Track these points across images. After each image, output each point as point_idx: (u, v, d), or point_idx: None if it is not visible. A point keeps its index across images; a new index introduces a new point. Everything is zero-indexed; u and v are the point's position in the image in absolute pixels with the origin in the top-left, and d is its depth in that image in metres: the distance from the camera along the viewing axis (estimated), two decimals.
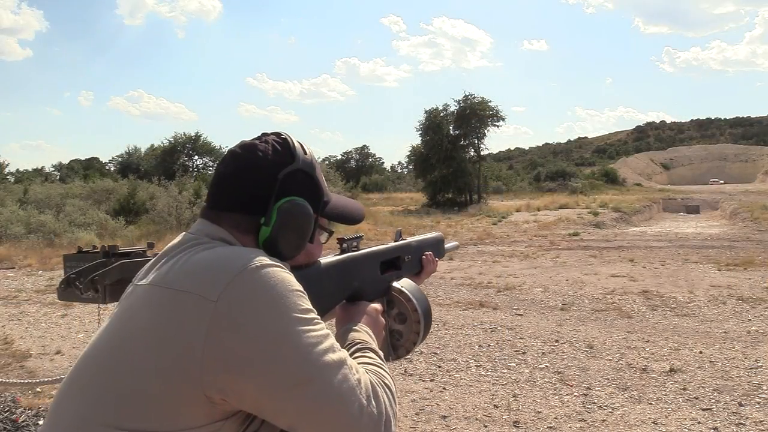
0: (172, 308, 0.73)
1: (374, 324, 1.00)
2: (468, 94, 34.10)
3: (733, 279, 8.34)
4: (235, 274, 0.73)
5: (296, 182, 0.88)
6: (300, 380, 0.71)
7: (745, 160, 76.01)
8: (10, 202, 19.34)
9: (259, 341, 0.71)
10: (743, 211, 20.97)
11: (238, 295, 0.72)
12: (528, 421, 3.73)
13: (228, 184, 0.87)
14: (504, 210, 25.12)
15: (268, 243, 0.85)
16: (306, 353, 0.72)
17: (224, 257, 0.77)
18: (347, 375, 0.75)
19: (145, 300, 0.77)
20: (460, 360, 5.06)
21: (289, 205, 0.85)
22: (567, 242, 14.35)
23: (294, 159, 0.88)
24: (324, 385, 0.72)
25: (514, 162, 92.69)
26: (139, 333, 0.74)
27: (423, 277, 1.35)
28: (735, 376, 4.45)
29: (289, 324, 0.73)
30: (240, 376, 0.70)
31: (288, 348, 0.72)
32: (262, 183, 0.85)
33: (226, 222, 0.86)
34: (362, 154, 72.02)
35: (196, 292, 0.72)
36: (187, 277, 0.75)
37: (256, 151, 0.87)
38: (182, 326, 0.71)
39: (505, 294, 7.90)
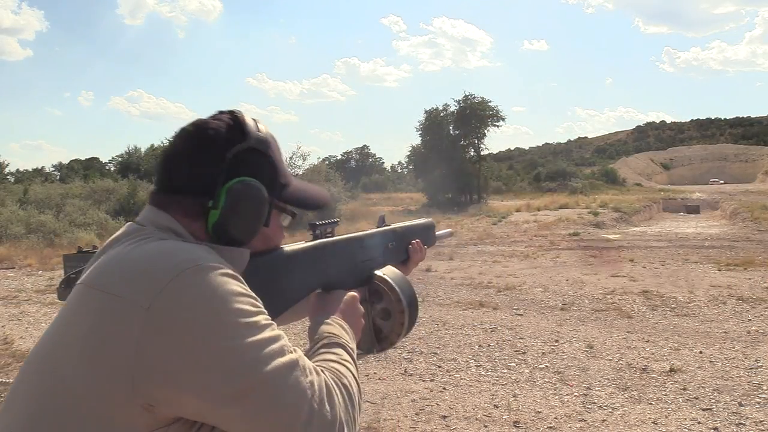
0: (104, 314, 0.68)
1: (351, 314, 0.95)
2: (468, 94, 34.21)
3: (733, 279, 8.34)
4: (169, 279, 0.68)
5: (248, 162, 0.81)
6: (243, 389, 0.67)
7: (745, 160, 76.04)
8: (10, 202, 19.36)
9: (196, 351, 0.66)
10: (743, 211, 20.97)
11: (172, 301, 0.67)
12: (528, 421, 3.73)
13: (174, 164, 0.82)
14: (504, 210, 25.13)
15: (217, 227, 0.79)
16: (248, 360, 0.68)
17: (160, 257, 0.71)
18: (297, 379, 0.70)
19: (79, 303, 0.73)
20: (460, 360, 5.06)
21: (239, 186, 0.79)
22: (567, 242, 14.35)
23: (245, 137, 0.82)
24: (269, 393, 0.68)
25: (514, 162, 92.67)
26: (73, 341, 0.69)
27: (410, 266, 1.28)
28: (735, 376, 4.44)
29: (228, 331, 0.68)
30: (177, 387, 0.66)
31: (228, 356, 0.67)
32: (210, 163, 0.79)
33: (174, 207, 0.80)
34: (362, 154, 72.09)
35: (129, 298, 0.67)
36: (120, 280, 0.70)
37: (206, 129, 0.81)
38: (114, 335, 0.66)
39: (505, 294, 7.90)
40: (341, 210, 21.68)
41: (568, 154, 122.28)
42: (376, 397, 4.19)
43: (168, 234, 0.78)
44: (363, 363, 4.99)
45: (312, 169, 23.39)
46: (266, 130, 0.86)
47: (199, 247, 0.75)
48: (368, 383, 4.51)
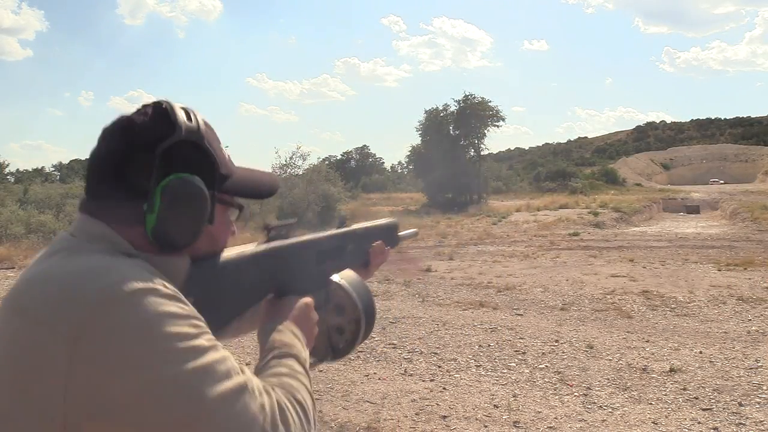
0: (27, 344, 0.62)
1: (304, 320, 0.89)
2: (468, 94, 34.20)
3: (733, 279, 8.34)
4: (95, 306, 0.62)
5: (181, 156, 0.73)
6: (185, 420, 0.62)
7: (745, 160, 76.05)
8: (10, 202, 19.35)
9: (131, 382, 0.61)
10: (743, 211, 20.98)
11: (101, 330, 0.61)
12: (528, 421, 3.73)
13: (102, 168, 0.74)
14: (504, 210, 25.14)
15: (156, 232, 0.71)
16: (190, 388, 0.62)
17: (86, 279, 0.64)
18: (246, 403, 0.65)
19: (2, 325, 0.66)
20: (460, 360, 5.06)
21: (175, 184, 0.71)
22: (567, 242, 14.36)
23: (175, 129, 0.73)
24: (215, 423, 0.63)
25: (514, 162, 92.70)
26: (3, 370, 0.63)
27: (371, 269, 1.20)
28: (735, 376, 4.45)
29: (165, 357, 0.62)
30: (113, 422, 0.61)
31: (167, 385, 0.62)
32: (139, 162, 0.71)
33: (107, 214, 0.73)
34: (362, 154, 72.08)
35: (52, 326, 0.61)
36: (42, 304, 0.63)
37: (131, 126, 0.74)
38: (39, 368, 0.61)
39: (505, 294, 7.90)
40: (341, 210, 21.66)
41: (568, 154, 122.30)
42: (376, 397, 4.19)
43: (102, 245, 0.71)
44: (363, 363, 4.99)
45: (312, 169, 23.38)
46: (199, 118, 0.78)
47: (130, 263, 0.69)
48: (368, 383, 4.51)
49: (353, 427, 3.71)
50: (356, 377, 4.66)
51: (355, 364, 4.98)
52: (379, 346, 5.50)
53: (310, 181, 21.41)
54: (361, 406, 4.05)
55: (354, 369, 4.86)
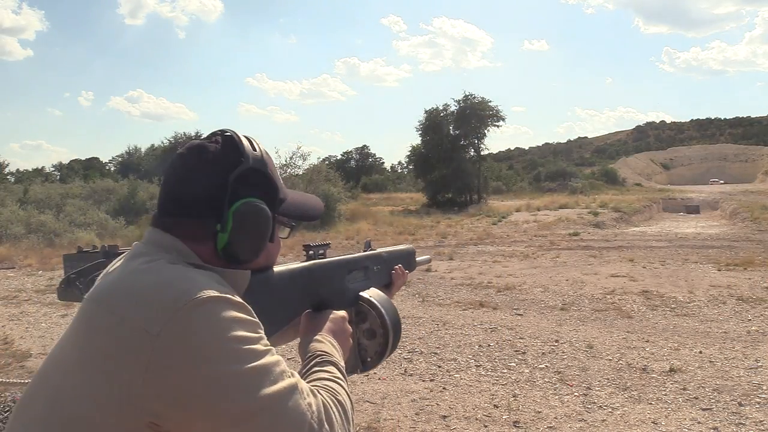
0: (114, 336, 0.72)
1: (340, 332, 0.98)
2: (468, 94, 34.11)
3: (733, 279, 8.34)
4: (177, 308, 0.71)
5: (249, 182, 0.84)
6: (245, 413, 0.71)
7: (745, 160, 76.01)
8: (10, 202, 19.34)
9: (201, 378, 0.70)
10: (743, 211, 20.98)
11: (180, 329, 0.70)
12: (528, 421, 3.73)
13: (178, 190, 0.84)
14: (504, 210, 25.12)
15: (226, 250, 0.82)
16: (250, 387, 0.71)
17: (169, 285, 0.74)
18: (297, 402, 0.74)
19: (89, 319, 0.76)
20: (460, 360, 5.07)
21: (245, 208, 0.82)
22: (567, 242, 14.36)
23: (244, 158, 0.84)
24: (271, 416, 0.71)
25: (514, 162, 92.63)
26: (83, 357, 0.73)
27: (393, 290, 1.31)
28: (735, 376, 4.45)
29: (231, 357, 0.71)
30: (183, 409, 0.70)
31: (232, 381, 0.71)
32: (213, 186, 0.82)
33: (180, 230, 0.83)
34: (362, 154, 72.03)
35: (138, 324, 0.71)
36: (130, 304, 0.73)
37: (205, 153, 0.84)
38: (123, 357, 0.70)
39: (505, 294, 7.90)
40: (341, 210, 21.65)
41: (568, 154, 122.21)
42: (376, 397, 4.19)
43: (174, 257, 0.80)
44: None
45: (312, 169, 23.36)
46: (261, 148, 0.88)
47: (204, 274, 0.78)
48: (368, 383, 4.51)
49: (353, 427, 3.70)
50: (356, 377, 4.66)
51: None
52: None
53: (310, 181, 21.39)
54: (361, 406, 4.05)
55: None
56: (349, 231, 17.71)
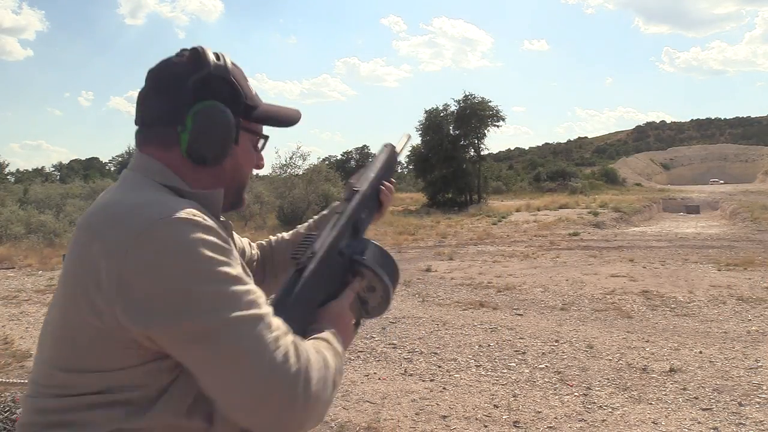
0: (92, 254, 0.77)
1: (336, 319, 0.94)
2: (468, 94, 34.04)
3: (733, 279, 8.34)
4: (145, 228, 0.75)
5: (210, 87, 0.88)
6: (205, 331, 0.72)
7: (745, 160, 76.01)
8: (10, 202, 19.35)
9: (162, 294, 0.73)
10: (743, 211, 20.97)
11: (146, 248, 0.74)
12: (528, 421, 3.73)
13: (146, 100, 0.90)
14: (504, 210, 25.11)
15: (189, 149, 0.87)
16: (212, 305, 0.73)
17: (141, 207, 0.78)
18: (260, 332, 0.74)
19: (73, 245, 0.82)
20: (460, 360, 5.06)
21: (203, 109, 0.86)
22: (567, 242, 14.35)
23: (204, 66, 0.88)
24: (230, 338, 0.72)
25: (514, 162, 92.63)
26: (66, 280, 0.80)
27: (384, 211, 1.24)
28: (735, 376, 4.45)
29: (193, 277, 0.73)
30: (149, 323, 0.73)
31: (191, 301, 0.73)
32: (175, 92, 0.87)
33: (152, 139, 0.89)
34: (362, 154, 71.96)
35: (110, 244, 0.75)
36: (105, 226, 0.79)
37: (170, 64, 0.90)
38: (103, 272, 0.75)
39: (505, 294, 7.90)
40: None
41: (568, 154, 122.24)
42: (376, 397, 4.19)
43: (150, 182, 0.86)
44: (363, 363, 4.99)
45: (312, 169, 23.33)
46: (227, 59, 0.91)
47: (178, 201, 0.82)
48: (368, 383, 4.51)
49: (353, 427, 3.71)
50: (356, 377, 4.66)
51: (355, 364, 4.98)
52: (379, 346, 5.50)
53: (310, 181, 21.38)
54: (361, 406, 4.05)
55: (354, 369, 4.86)
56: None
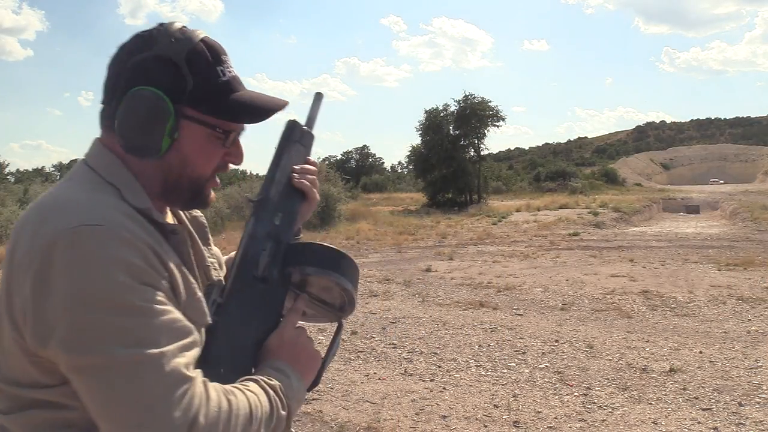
0: (15, 261, 0.71)
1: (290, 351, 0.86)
2: (468, 94, 34.05)
3: (733, 279, 8.34)
4: (54, 239, 0.67)
5: (148, 71, 0.77)
6: (86, 366, 0.66)
7: (745, 160, 76.02)
8: (10, 202, 19.32)
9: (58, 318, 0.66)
10: (743, 211, 20.97)
11: (53, 262, 0.67)
12: (528, 421, 3.73)
13: (106, 77, 0.83)
14: (504, 210, 25.11)
15: (118, 138, 0.78)
16: (100, 339, 0.65)
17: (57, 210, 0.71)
18: (146, 375, 0.65)
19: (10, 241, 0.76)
20: (460, 360, 5.06)
21: (132, 95, 0.77)
22: (567, 242, 14.35)
23: (151, 45, 0.78)
24: (110, 379, 0.65)
25: (514, 162, 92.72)
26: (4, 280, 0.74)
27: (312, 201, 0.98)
28: (735, 376, 4.45)
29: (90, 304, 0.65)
30: (45, 346, 0.68)
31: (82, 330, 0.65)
32: (116, 73, 0.80)
33: (103, 122, 0.82)
34: (362, 154, 72.04)
35: (26, 252, 0.69)
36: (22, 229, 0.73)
37: (126, 42, 0.82)
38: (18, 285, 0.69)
39: (505, 294, 7.90)
40: (341, 210, 21.64)
41: (568, 154, 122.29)
42: (376, 397, 4.19)
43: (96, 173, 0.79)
44: (363, 363, 4.99)
45: None
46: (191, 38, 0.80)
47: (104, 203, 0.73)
48: (368, 383, 4.51)
49: (353, 427, 3.71)
50: (356, 377, 4.66)
51: (355, 364, 4.98)
52: (379, 346, 5.50)
53: None
54: (361, 406, 4.05)
55: (354, 369, 4.86)
56: (350, 231, 17.69)
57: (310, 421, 3.79)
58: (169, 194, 0.83)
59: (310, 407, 4.01)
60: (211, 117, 0.81)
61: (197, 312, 0.79)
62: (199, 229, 0.96)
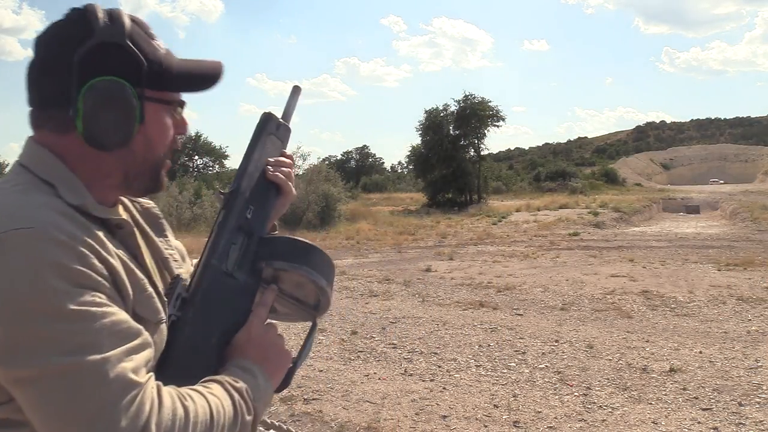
0: None
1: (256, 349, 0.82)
2: (468, 94, 34.08)
3: (733, 279, 8.34)
4: None
5: (101, 60, 0.72)
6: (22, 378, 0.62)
7: (745, 160, 76.01)
8: None
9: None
10: (743, 211, 20.97)
11: None
12: (528, 421, 3.73)
13: (33, 76, 0.75)
14: (504, 210, 25.12)
15: (87, 138, 0.72)
16: (35, 349, 0.61)
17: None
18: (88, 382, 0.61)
19: None
20: (460, 360, 5.06)
21: (94, 89, 0.71)
22: (567, 242, 14.35)
23: (92, 32, 0.72)
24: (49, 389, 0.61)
25: (514, 162, 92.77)
26: None
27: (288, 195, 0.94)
28: (735, 376, 4.45)
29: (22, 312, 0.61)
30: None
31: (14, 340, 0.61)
32: (61, 69, 0.72)
33: (45, 125, 0.75)
34: (362, 154, 72.09)
35: None
36: None
37: (53, 32, 0.75)
38: None
39: (505, 294, 7.90)
40: (341, 210, 21.65)
41: (568, 154, 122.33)
42: (376, 397, 4.19)
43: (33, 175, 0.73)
44: (363, 363, 4.99)
45: (312, 169, 23.36)
46: (124, 18, 0.76)
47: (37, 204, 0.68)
48: (368, 383, 4.51)
49: (353, 427, 3.71)
50: (356, 377, 4.66)
51: (355, 364, 4.98)
52: (379, 346, 5.50)
53: (310, 181, 21.39)
54: (361, 406, 4.05)
55: (354, 369, 4.86)
56: (349, 231, 17.71)
57: (310, 421, 3.79)
58: (131, 182, 0.80)
59: (310, 407, 4.01)
60: (165, 93, 0.79)
61: (147, 309, 0.75)
62: (152, 221, 0.92)
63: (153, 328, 0.74)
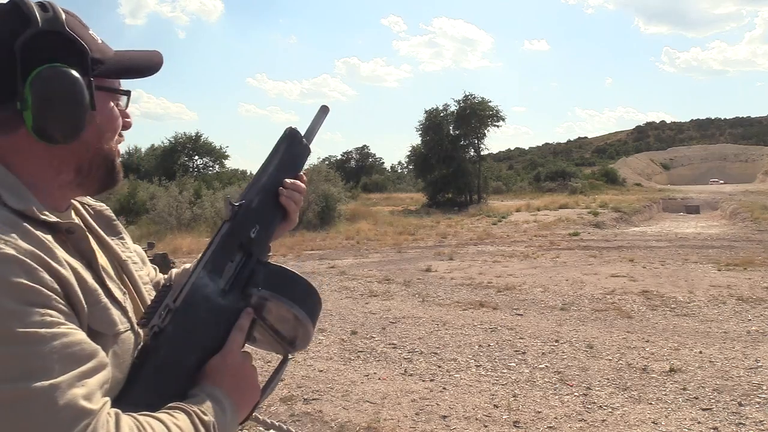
0: None
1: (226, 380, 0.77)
2: (468, 94, 34.09)
3: (733, 279, 8.34)
4: None
5: (43, 48, 0.70)
6: None
7: (745, 160, 75.98)
8: None
9: None
10: (743, 211, 20.97)
11: None
12: (528, 421, 3.73)
13: None
14: (504, 210, 25.11)
15: (37, 129, 0.69)
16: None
17: None
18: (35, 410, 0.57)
19: None
20: (460, 360, 5.06)
21: (44, 76, 0.69)
22: (567, 242, 14.35)
23: (30, 22, 0.70)
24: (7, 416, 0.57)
25: (514, 162, 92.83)
26: None
27: (292, 215, 0.93)
28: (735, 376, 4.45)
29: None
30: None
31: None
32: (2, 62, 0.69)
33: None
34: (362, 154, 72.00)
35: None
36: None
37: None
38: None
39: (505, 294, 7.90)
40: (341, 210, 21.65)
41: (568, 154, 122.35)
42: (376, 397, 4.19)
43: None
44: (363, 363, 5.00)
45: (312, 169, 23.38)
46: (57, 8, 0.73)
47: None
48: (368, 383, 4.51)
49: (353, 427, 3.71)
50: (356, 377, 4.66)
51: (355, 364, 4.98)
52: (379, 346, 5.50)
53: (310, 181, 21.39)
54: (361, 406, 4.05)
55: (354, 369, 4.86)
56: (350, 231, 17.70)
57: (310, 421, 3.79)
58: (86, 177, 0.77)
59: (310, 407, 4.01)
60: (108, 80, 0.78)
61: (103, 322, 0.70)
62: (106, 223, 0.89)
63: (111, 341, 0.71)
